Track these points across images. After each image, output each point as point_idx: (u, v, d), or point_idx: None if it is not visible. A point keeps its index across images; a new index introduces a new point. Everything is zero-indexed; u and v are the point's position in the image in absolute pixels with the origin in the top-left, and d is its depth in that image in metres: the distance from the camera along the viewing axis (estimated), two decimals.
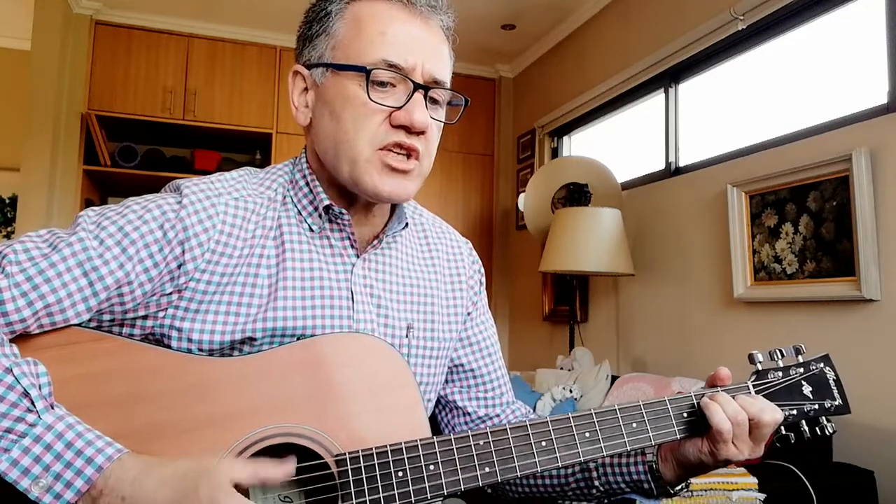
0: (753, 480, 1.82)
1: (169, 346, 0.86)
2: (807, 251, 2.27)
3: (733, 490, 1.78)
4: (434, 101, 0.91)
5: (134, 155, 3.97)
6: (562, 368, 3.23)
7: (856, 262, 2.06)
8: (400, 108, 0.86)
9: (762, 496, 1.80)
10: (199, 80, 4.11)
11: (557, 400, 2.86)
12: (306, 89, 0.93)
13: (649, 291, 3.13)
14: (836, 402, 0.99)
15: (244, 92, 4.18)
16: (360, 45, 0.87)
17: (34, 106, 3.79)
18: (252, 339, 0.87)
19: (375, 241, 0.97)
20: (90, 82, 3.95)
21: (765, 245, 2.44)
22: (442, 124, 0.94)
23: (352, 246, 0.95)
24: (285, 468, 0.73)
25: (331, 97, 0.89)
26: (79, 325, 0.80)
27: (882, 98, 2.11)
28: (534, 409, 1.88)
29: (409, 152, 0.88)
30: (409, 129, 0.87)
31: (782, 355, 0.98)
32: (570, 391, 2.86)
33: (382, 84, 0.86)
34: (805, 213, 2.28)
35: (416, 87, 0.87)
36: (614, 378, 2.86)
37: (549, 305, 4.03)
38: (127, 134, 4.12)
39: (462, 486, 0.81)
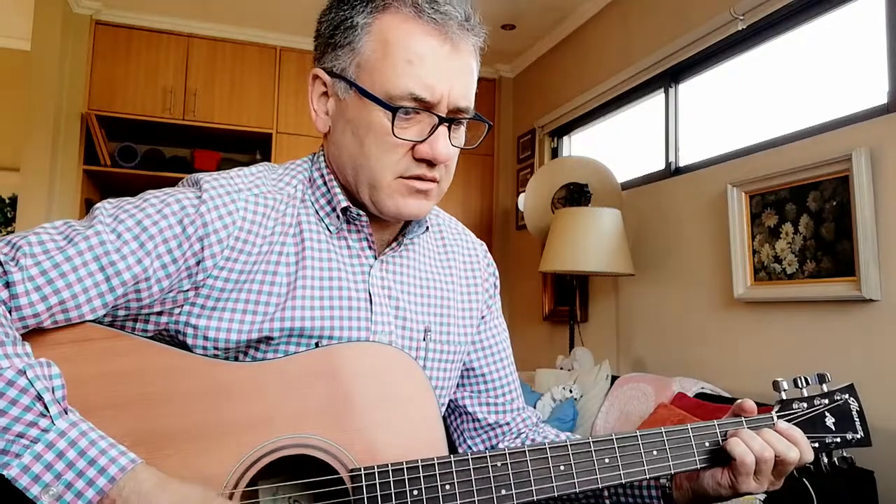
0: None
1: (184, 343, 0.84)
2: (807, 251, 2.27)
3: None
4: (458, 124, 0.89)
5: (134, 155, 3.97)
6: (562, 368, 3.23)
7: (856, 262, 2.06)
8: (423, 141, 0.85)
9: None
10: (199, 80, 4.11)
11: (557, 400, 2.86)
12: (325, 94, 0.91)
13: (649, 291, 3.13)
14: (858, 436, 0.97)
15: (244, 92, 4.18)
16: (385, 72, 0.83)
17: (34, 106, 3.79)
18: (269, 339, 0.85)
19: (394, 244, 0.96)
20: (90, 82, 3.95)
21: (765, 245, 2.44)
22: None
23: (370, 247, 0.94)
24: None
25: (354, 118, 0.87)
26: (93, 320, 0.78)
27: (882, 98, 2.11)
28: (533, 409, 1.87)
29: (429, 181, 0.88)
30: (430, 162, 0.86)
31: (807, 383, 0.96)
32: (570, 391, 2.86)
33: (407, 113, 0.84)
34: (805, 213, 2.28)
35: (441, 120, 0.85)
36: (614, 378, 2.86)
37: (549, 305, 4.03)
38: (127, 134, 4.12)
39: None
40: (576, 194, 3.30)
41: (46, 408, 0.67)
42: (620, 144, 3.67)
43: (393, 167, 0.86)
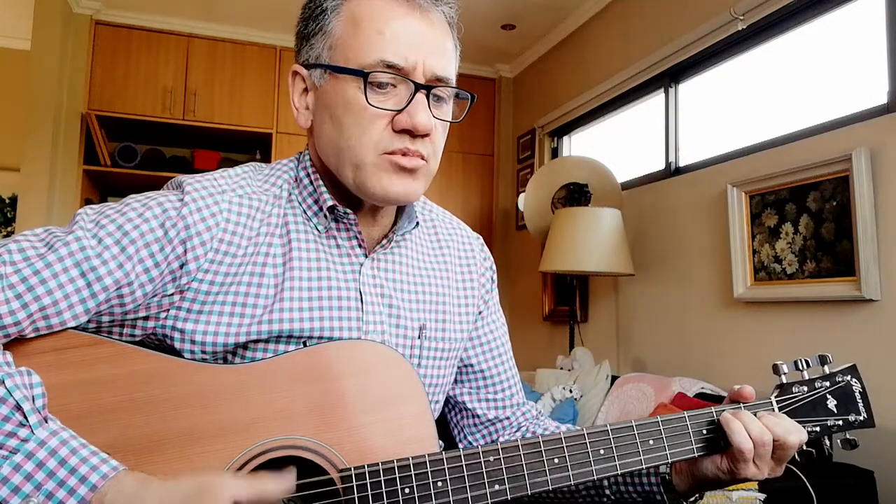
0: (755, 481, 1.81)
1: (172, 348, 0.83)
2: (807, 251, 2.27)
3: (733, 490, 1.78)
4: (438, 98, 0.86)
5: (134, 155, 3.97)
6: (562, 368, 3.23)
7: (856, 262, 2.06)
8: (401, 110, 0.82)
9: (762, 496, 1.80)
10: (199, 80, 4.11)
11: (557, 400, 2.86)
12: (306, 90, 0.90)
13: (649, 291, 3.13)
14: (861, 417, 0.95)
15: (244, 92, 4.18)
16: (357, 46, 0.83)
17: (34, 106, 3.78)
18: (258, 341, 0.84)
19: (385, 241, 0.93)
20: (90, 82, 3.95)
21: (765, 245, 2.44)
22: (448, 123, 0.90)
23: (360, 245, 0.92)
24: (285, 484, 0.71)
25: (331, 101, 0.85)
26: (76, 327, 0.77)
27: (882, 98, 2.11)
28: None
29: (414, 156, 0.85)
30: (412, 133, 0.83)
31: (808, 365, 0.94)
32: (570, 391, 2.86)
33: (382, 86, 0.82)
34: (805, 213, 2.28)
35: (418, 87, 0.83)
36: (614, 378, 2.86)
37: (549, 305, 4.03)
38: (127, 134, 4.12)
39: None
40: (576, 194, 3.30)
41: (26, 417, 0.66)
42: (620, 144, 3.67)
43: (375, 144, 0.83)
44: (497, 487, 0.79)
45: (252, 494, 0.69)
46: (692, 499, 0.94)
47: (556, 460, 0.82)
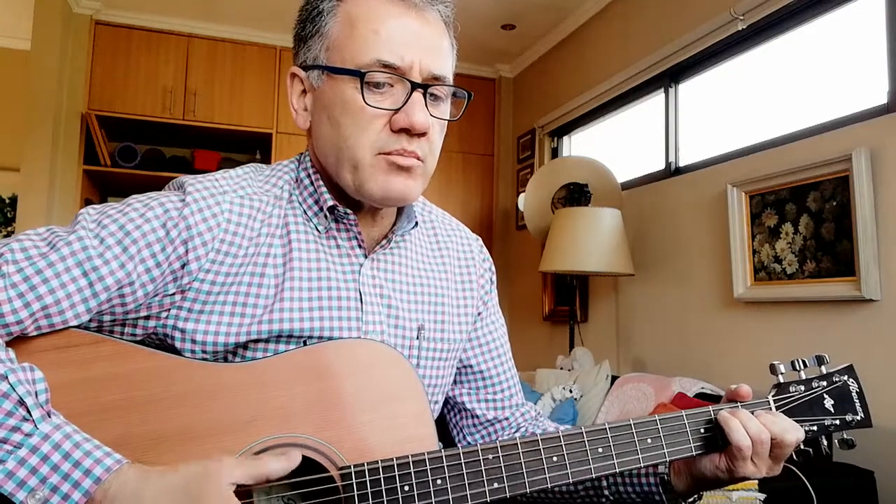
0: (753, 480, 1.81)
1: (172, 347, 0.83)
2: (807, 251, 2.27)
3: (733, 490, 1.78)
4: (435, 98, 0.87)
5: (134, 155, 3.97)
6: (562, 368, 3.23)
7: (856, 262, 2.06)
8: (398, 110, 0.83)
9: (762, 496, 1.80)
10: (199, 80, 4.11)
11: (557, 400, 2.86)
12: (304, 91, 0.90)
13: (649, 291, 3.13)
14: (858, 417, 0.95)
15: (244, 92, 4.18)
16: (353, 46, 0.83)
17: (34, 106, 3.78)
18: (258, 341, 0.85)
19: (384, 241, 0.94)
20: (90, 82, 3.95)
21: (765, 245, 2.44)
22: (445, 122, 0.90)
23: (359, 246, 0.92)
24: (286, 462, 0.72)
25: (328, 102, 0.86)
26: (78, 326, 0.77)
27: (882, 98, 2.11)
28: None
29: (410, 156, 0.85)
30: (409, 132, 0.83)
31: (805, 365, 0.95)
32: (570, 391, 2.86)
33: (379, 85, 0.83)
34: (805, 213, 2.28)
35: (414, 86, 0.83)
36: (614, 378, 2.86)
37: (549, 305, 4.03)
38: (127, 134, 4.12)
39: (470, 502, 0.79)
40: (576, 194, 3.30)
41: (29, 412, 0.67)
42: (620, 144, 3.67)
43: (372, 144, 0.84)
44: (496, 485, 0.80)
45: (253, 476, 0.70)
46: (691, 499, 0.94)
47: (554, 459, 0.82)
